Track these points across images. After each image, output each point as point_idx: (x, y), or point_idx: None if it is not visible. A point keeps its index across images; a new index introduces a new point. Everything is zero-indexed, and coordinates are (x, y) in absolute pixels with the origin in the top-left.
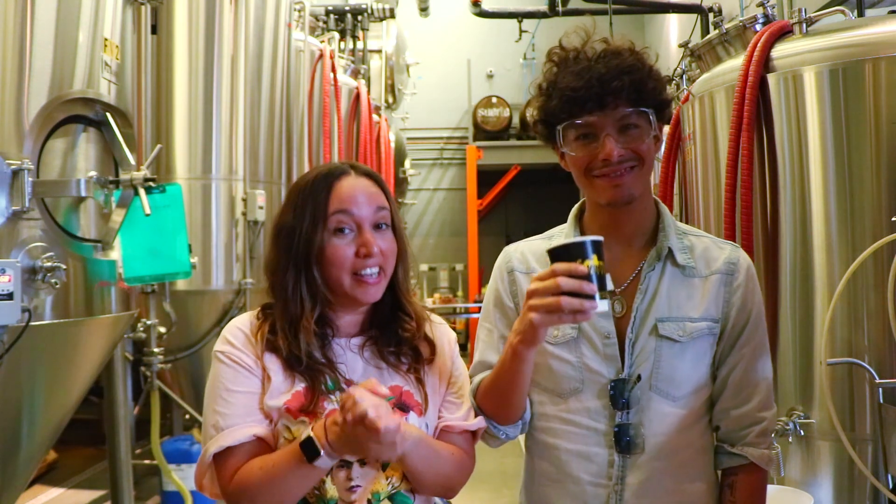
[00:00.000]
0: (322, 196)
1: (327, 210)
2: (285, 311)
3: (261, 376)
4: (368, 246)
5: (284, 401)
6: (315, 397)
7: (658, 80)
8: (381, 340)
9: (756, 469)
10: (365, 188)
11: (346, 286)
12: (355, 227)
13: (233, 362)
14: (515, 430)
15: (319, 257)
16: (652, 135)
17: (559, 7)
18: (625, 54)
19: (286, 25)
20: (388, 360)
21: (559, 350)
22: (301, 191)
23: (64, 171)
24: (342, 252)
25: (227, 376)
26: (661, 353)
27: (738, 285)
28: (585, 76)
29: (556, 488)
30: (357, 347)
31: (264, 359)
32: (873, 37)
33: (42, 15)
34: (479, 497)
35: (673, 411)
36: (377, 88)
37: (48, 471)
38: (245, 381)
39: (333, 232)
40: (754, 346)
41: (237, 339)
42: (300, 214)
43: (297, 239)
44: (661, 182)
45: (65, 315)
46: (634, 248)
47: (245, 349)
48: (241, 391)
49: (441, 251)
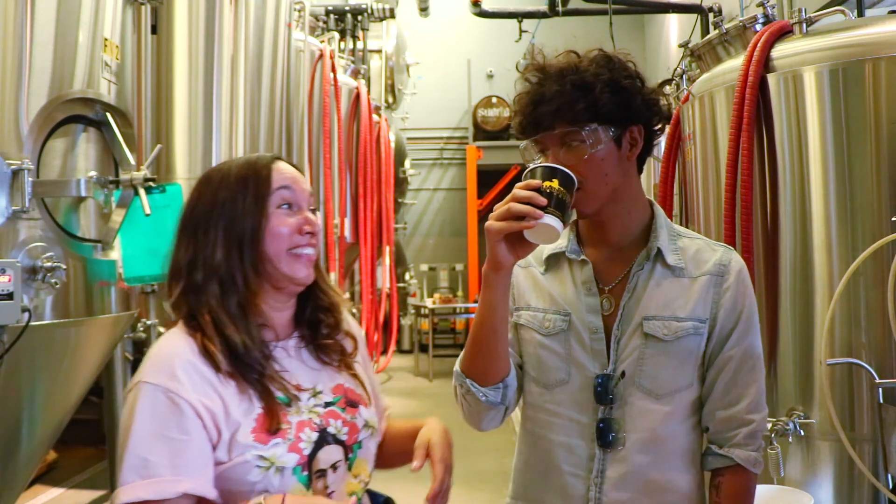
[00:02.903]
0: (263, 173)
1: (270, 186)
2: (229, 298)
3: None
4: (312, 224)
5: (250, 429)
6: (276, 414)
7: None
8: (312, 338)
9: (742, 471)
10: (299, 174)
11: (282, 263)
12: (297, 206)
13: (174, 402)
14: (496, 393)
15: (260, 233)
16: (598, 148)
17: (559, 7)
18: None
19: (286, 25)
20: (323, 360)
21: (549, 341)
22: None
23: (64, 171)
24: (285, 225)
25: (164, 418)
26: (646, 350)
27: (728, 287)
28: (524, 101)
29: (540, 478)
30: (294, 350)
31: (220, 387)
32: (873, 37)
33: (42, 15)
34: (479, 497)
35: (656, 408)
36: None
37: (48, 471)
38: (186, 426)
39: (278, 206)
40: (744, 348)
41: (184, 373)
42: (238, 193)
43: (236, 214)
44: (661, 182)
45: (65, 315)
46: (625, 248)
47: (193, 385)
48: (179, 438)
49: (441, 251)
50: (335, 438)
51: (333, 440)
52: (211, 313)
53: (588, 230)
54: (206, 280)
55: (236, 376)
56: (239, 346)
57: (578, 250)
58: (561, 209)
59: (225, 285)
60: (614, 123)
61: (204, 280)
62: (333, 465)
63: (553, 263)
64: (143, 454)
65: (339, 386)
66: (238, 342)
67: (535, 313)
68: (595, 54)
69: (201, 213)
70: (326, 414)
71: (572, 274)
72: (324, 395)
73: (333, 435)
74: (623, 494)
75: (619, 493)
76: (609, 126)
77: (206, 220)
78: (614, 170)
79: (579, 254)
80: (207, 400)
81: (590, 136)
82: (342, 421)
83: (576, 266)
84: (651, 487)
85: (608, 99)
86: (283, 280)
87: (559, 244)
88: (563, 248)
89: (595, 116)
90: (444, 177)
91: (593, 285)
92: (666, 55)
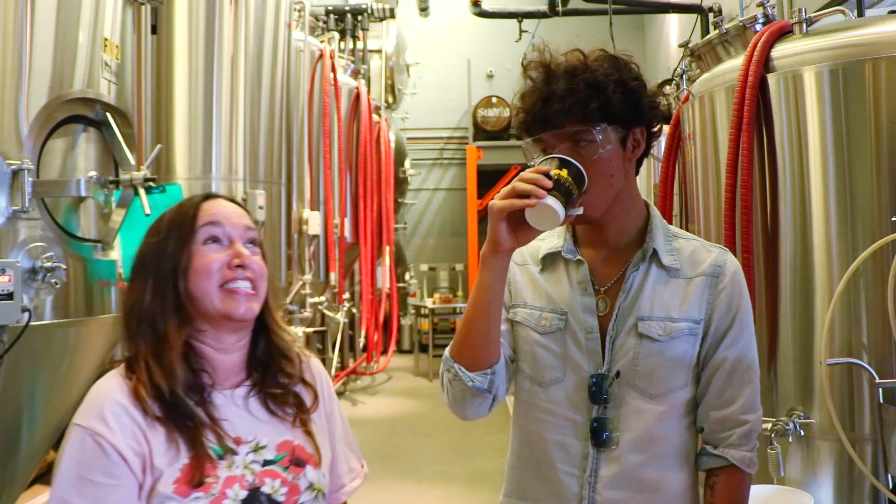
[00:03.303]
0: (190, 213)
1: (195, 224)
2: (161, 346)
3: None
4: (242, 257)
5: (172, 479)
6: (202, 467)
7: (627, 90)
8: (264, 385)
9: (737, 471)
10: (233, 208)
11: (215, 300)
12: (227, 240)
13: (100, 447)
14: (483, 379)
15: (186, 271)
16: (607, 148)
17: (559, 7)
18: (579, 72)
19: (286, 25)
20: (274, 412)
21: (545, 339)
22: (161, 221)
23: (64, 171)
24: (211, 261)
25: (90, 461)
26: (641, 350)
27: (723, 288)
28: (533, 98)
29: (534, 474)
30: (241, 399)
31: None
32: (873, 37)
33: (42, 15)
34: (479, 497)
35: (650, 408)
36: (377, 88)
37: (48, 471)
38: (113, 471)
39: (203, 243)
40: (739, 349)
41: (113, 417)
42: (166, 237)
43: (162, 259)
44: (661, 182)
45: (65, 315)
46: (621, 249)
47: (122, 429)
48: (104, 483)
49: (441, 251)
50: (269, 499)
51: (267, 500)
52: (144, 360)
53: (584, 230)
54: (139, 326)
55: (167, 423)
56: (167, 394)
57: (574, 250)
58: (566, 196)
59: (155, 333)
60: (621, 124)
61: (137, 327)
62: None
63: (549, 263)
64: (66, 497)
65: (287, 443)
66: (165, 391)
67: (531, 311)
68: (599, 54)
69: (137, 262)
70: (263, 473)
71: (568, 274)
72: (266, 451)
73: (268, 495)
74: (616, 493)
75: (612, 492)
76: (617, 126)
77: (140, 268)
78: (618, 171)
79: (575, 254)
80: (136, 444)
81: (600, 135)
82: (281, 480)
83: (572, 266)
84: (644, 487)
85: (619, 99)
86: (219, 318)
87: (555, 244)
88: (560, 247)
89: (606, 116)
90: (444, 177)
91: (589, 285)
92: (666, 55)
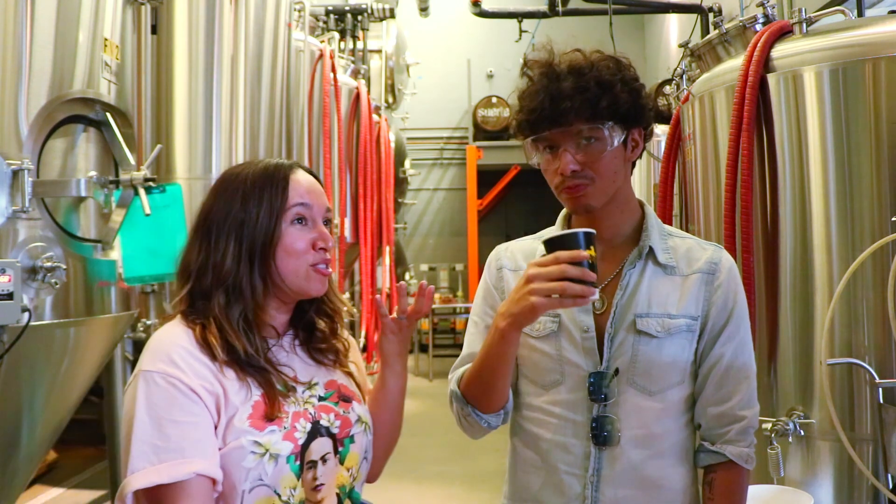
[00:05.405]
0: (280, 186)
1: (287, 202)
2: (233, 308)
3: (214, 399)
4: (326, 239)
5: (247, 415)
6: (274, 402)
7: (631, 90)
8: (307, 339)
9: (735, 467)
10: (316, 185)
11: (300, 277)
12: (311, 221)
13: (175, 387)
14: (497, 419)
15: (275, 248)
16: (613, 146)
17: (559, 7)
18: (586, 71)
19: (286, 25)
20: (317, 359)
21: (540, 343)
22: (245, 181)
23: (64, 171)
24: (301, 242)
25: (167, 402)
26: (639, 347)
27: (719, 284)
28: (540, 96)
29: (536, 476)
30: (289, 345)
31: (219, 374)
32: (873, 37)
33: (42, 15)
34: (479, 497)
35: (649, 405)
36: (377, 88)
37: (48, 471)
38: (190, 408)
39: (292, 222)
40: (735, 345)
41: (182, 360)
42: (253, 204)
43: (250, 227)
44: (661, 182)
45: (65, 315)
46: (617, 247)
47: (192, 371)
48: (184, 421)
49: (441, 251)
50: (327, 431)
51: (325, 433)
52: (215, 320)
53: None
54: (214, 286)
55: (234, 365)
56: (240, 352)
57: None
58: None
59: (231, 294)
60: (624, 124)
61: (212, 286)
62: (323, 457)
63: None
64: (151, 440)
65: (333, 382)
66: (239, 349)
67: None
68: (600, 54)
69: (215, 218)
70: (319, 408)
71: None
72: (318, 388)
73: (326, 427)
74: (618, 491)
75: (614, 490)
76: (622, 126)
77: (220, 227)
78: (620, 169)
79: None
80: (207, 384)
81: (608, 132)
82: (335, 414)
83: None
84: (646, 484)
85: (626, 98)
86: (294, 293)
87: None
88: None
89: (614, 115)
90: (444, 177)
91: None
92: (666, 55)
